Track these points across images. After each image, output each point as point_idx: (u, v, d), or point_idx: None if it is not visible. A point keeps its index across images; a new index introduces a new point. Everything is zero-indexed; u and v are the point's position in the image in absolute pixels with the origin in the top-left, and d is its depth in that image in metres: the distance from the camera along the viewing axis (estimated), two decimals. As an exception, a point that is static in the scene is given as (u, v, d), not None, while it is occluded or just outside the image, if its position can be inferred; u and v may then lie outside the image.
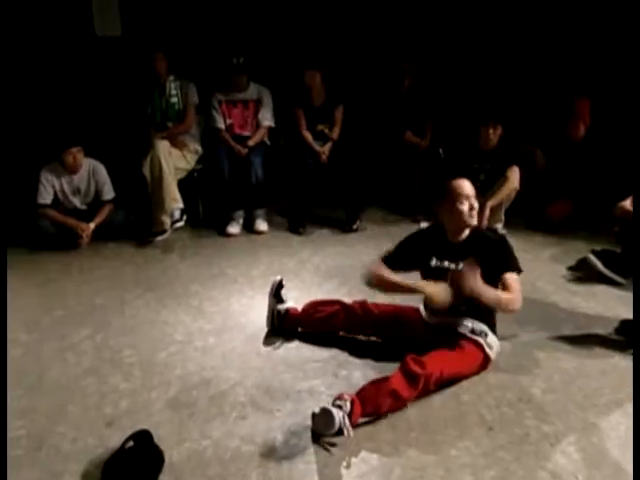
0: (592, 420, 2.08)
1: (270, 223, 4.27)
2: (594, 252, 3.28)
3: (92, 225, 3.92)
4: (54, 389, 2.34)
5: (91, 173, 3.98)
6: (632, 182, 2.81)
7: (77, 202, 4.01)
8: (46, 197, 3.90)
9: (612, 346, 2.57)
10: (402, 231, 4.04)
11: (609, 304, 2.97)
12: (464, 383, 2.30)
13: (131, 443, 1.91)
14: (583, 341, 2.63)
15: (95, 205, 4.02)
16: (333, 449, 1.95)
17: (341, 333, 2.64)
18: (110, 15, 4.64)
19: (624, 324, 2.66)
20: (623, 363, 2.44)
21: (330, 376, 2.38)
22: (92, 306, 3.10)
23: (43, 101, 4.49)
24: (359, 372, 2.38)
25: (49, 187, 3.91)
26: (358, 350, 2.53)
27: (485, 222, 3.74)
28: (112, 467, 1.85)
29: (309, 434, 2.03)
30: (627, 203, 2.74)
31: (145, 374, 2.43)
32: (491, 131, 3.91)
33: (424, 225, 4.15)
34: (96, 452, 1.96)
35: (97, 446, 1.99)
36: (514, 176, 3.83)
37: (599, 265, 3.23)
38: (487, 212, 3.73)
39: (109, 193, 4.04)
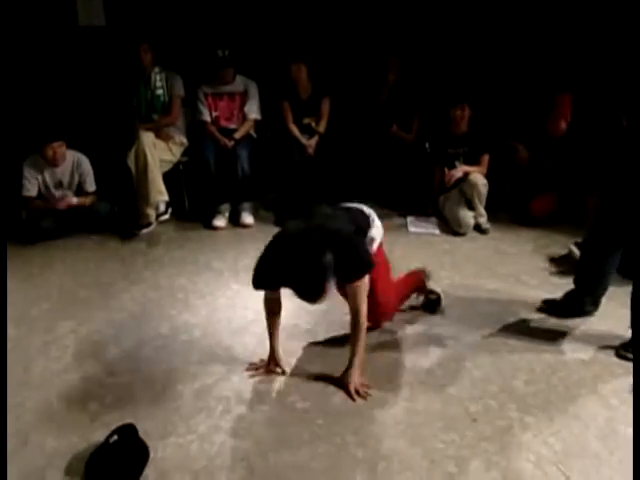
0: (573, 411, 2.12)
1: (256, 216, 4.26)
2: (577, 244, 3.33)
3: (75, 199, 3.90)
4: (39, 384, 2.33)
5: (75, 166, 3.93)
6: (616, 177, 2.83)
7: (59, 195, 3.95)
8: (31, 189, 3.85)
9: (593, 339, 2.61)
10: (388, 224, 4.10)
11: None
12: (449, 376, 2.33)
13: (115, 437, 1.90)
14: (565, 334, 2.67)
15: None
16: (318, 443, 1.97)
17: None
18: (94, 4, 4.56)
19: (547, 303, 2.85)
20: (603, 355, 2.48)
21: (317, 369, 2.39)
22: (76, 299, 3.07)
23: (25, 92, 4.42)
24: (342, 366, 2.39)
25: (33, 180, 3.85)
26: (342, 344, 2.54)
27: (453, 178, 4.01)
28: (96, 461, 1.85)
29: (295, 427, 2.04)
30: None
31: (130, 368, 2.42)
32: (459, 112, 4.01)
33: (410, 219, 4.21)
34: (80, 447, 1.95)
35: (81, 441, 1.98)
36: (484, 162, 4.06)
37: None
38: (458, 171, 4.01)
39: (91, 186, 3.99)
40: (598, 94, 4.12)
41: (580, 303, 2.76)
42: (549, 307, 2.84)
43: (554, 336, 2.64)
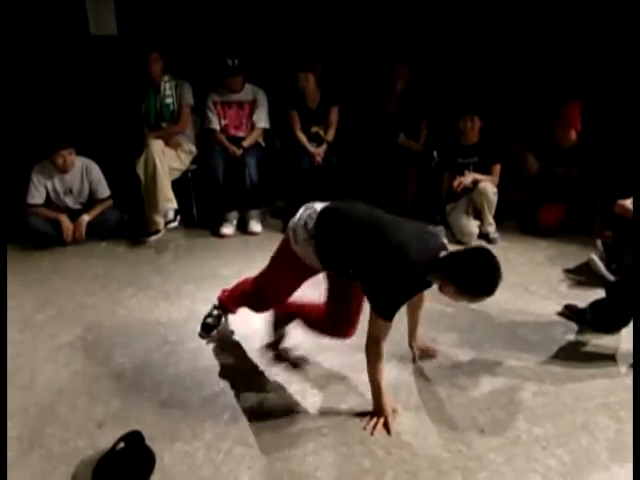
0: (582, 423, 2.10)
1: (264, 224, 4.27)
2: (607, 262, 3.27)
3: (86, 217, 3.90)
4: (45, 390, 2.33)
5: (84, 172, 3.96)
6: (630, 185, 2.81)
7: (70, 202, 3.98)
8: (36, 196, 3.87)
9: (603, 351, 2.59)
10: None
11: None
12: (456, 387, 2.31)
13: (122, 444, 1.91)
14: (574, 345, 2.65)
15: (90, 205, 4.01)
16: (325, 452, 1.96)
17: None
18: (105, 14, 4.62)
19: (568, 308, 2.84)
20: (613, 368, 2.46)
21: (323, 378, 2.38)
22: (84, 306, 3.09)
23: (36, 99, 4.47)
24: (353, 374, 2.38)
25: (40, 187, 3.88)
26: (349, 354, 2.53)
27: (462, 184, 3.97)
28: (103, 468, 1.85)
29: (301, 436, 2.04)
30: (627, 202, 2.75)
31: (137, 375, 2.43)
32: (469, 124, 3.99)
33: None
34: (86, 453, 1.96)
35: (87, 447, 1.99)
36: (495, 171, 4.03)
37: (601, 267, 3.24)
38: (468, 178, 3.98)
39: (104, 192, 4.02)
40: (608, 103, 4.12)
41: (617, 318, 2.63)
42: (575, 314, 2.81)
43: (564, 347, 2.62)
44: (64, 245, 3.88)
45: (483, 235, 3.99)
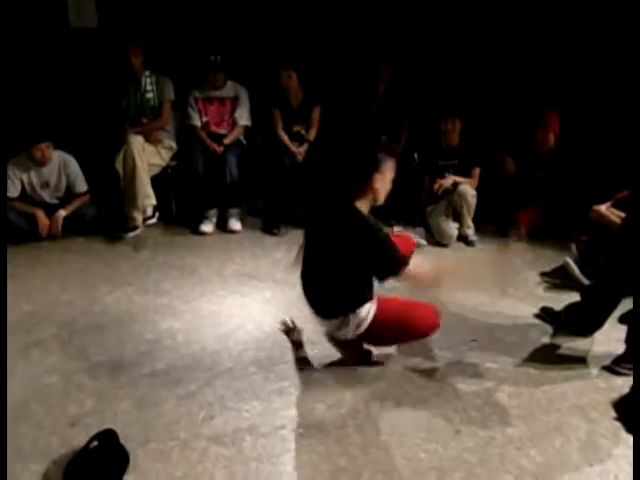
0: (555, 424, 2.13)
1: (244, 223, 4.25)
2: (583, 267, 3.29)
3: (63, 212, 3.84)
4: (18, 387, 2.28)
5: (62, 166, 3.89)
6: (604, 190, 2.86)
7: (46, 196, 3.91)
8: (12, 190, 3.80)
9: (576, 353, 2.63)
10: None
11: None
12: (433, 387, 2.33)
13: (95, 443, 1.88)
14: (550, 347, 2.69)
15: (67, 200, 3.94)
16: (301, 451, 1.96)
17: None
18: (86, 6, 4.55)
19: (546, 312, 2.88)
20: (586, 369, 2.50)
21: (300, 377, 2.38)
22: (60, 302, 3.04)
23: (14, 92, 4.38)
24: (331, 373, 2.39)
25: (16, 180, 3.81)
26: (330, 353, 2.54)
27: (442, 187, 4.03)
28: (75, 467, 1.82)
29: (277, 435, 2.03)
30: (602, 207, 2.78)
31: (112, 373, 2.39)
32: (450, 126, 4.03)
33: (397, 229, 4.22)
34: (59, 452, 1.92)
35: (60, 446, 1.96)
36: (475, 174, 4.10)
37: (576, 271, 3.29)
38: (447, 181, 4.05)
39: (82, 186, 3.96)
40: (585, 111, 4.19)
41: (591, 321, 2.66)
42: (550, 316, 2.86)
43: (539, 349, 2.66)
44: (40, 240, 3.81)
45: (462, 237, 4.03)
